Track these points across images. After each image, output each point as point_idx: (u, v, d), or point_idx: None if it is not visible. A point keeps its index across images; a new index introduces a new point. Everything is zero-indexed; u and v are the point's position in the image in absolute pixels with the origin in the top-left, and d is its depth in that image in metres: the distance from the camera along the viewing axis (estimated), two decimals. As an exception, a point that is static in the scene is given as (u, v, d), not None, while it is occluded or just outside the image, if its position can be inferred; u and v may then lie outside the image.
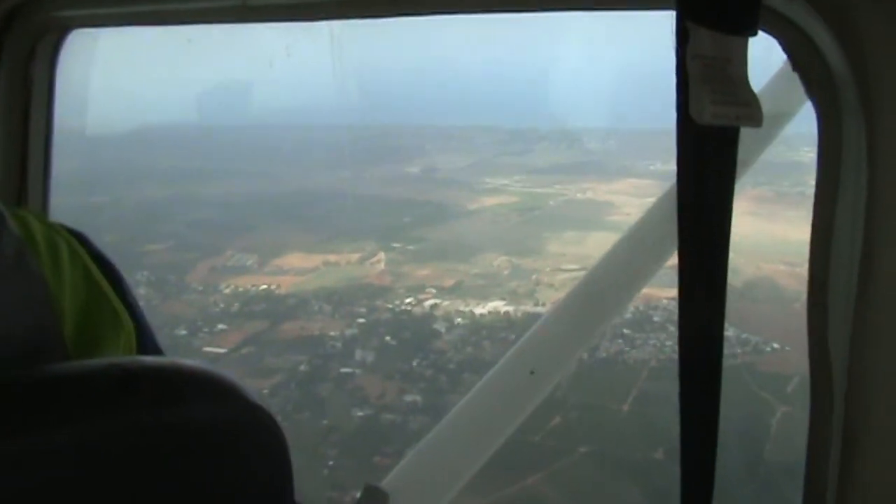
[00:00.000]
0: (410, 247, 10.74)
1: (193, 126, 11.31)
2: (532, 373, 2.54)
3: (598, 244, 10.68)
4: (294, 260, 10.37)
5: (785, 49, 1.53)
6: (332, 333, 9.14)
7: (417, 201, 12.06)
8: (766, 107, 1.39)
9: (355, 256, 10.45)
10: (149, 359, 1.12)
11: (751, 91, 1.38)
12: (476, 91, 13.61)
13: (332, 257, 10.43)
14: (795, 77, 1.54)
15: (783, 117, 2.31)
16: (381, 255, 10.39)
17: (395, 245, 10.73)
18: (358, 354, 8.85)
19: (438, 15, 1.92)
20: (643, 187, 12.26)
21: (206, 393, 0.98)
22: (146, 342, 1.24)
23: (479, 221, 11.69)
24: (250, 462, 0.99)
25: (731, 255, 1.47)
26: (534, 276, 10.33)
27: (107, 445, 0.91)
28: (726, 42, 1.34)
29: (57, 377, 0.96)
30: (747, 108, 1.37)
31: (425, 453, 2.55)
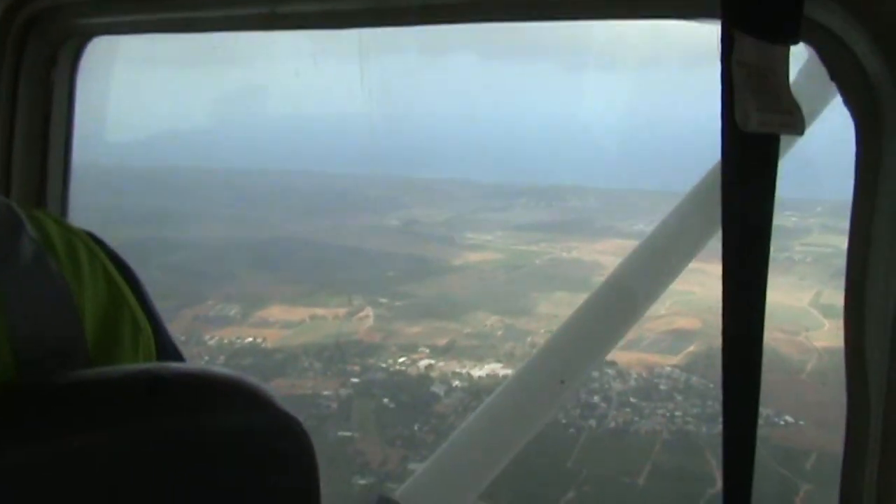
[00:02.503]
0: (398, 302, 10.32)
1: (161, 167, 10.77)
2: (563, 382, 2.53)
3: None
4: (278, 312, 9.88)
5: (822, 59, 1.52)
6: (325, 393, 8.55)
7: (399, 255, 11.68)
8: None
9: (342, 311, 10.00)
10: (178, 365, 1.12)
11: (792, 99, 1.41)
12: (452, 145, 13.35)
13: (318, 311, 10.02)
14: (817, 79, 1.55)
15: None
16: (370, 311, 9.95)
17: (382, 300, 10.29)
18: (355, 417, 8.28)
19: (467, 24, 1.92)
20: (629, 248, 11.92)
21: (235, 400, 0.98)
22: (165, 345, 1.22)
23: (465, 278, 11.32)
24: (279, 470, 0.99)
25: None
26: (529, 339, 9.95)
27: (136, 451, 0.90)
28: (769, 50, 1.38)
29: (87, 382, 0.97)
30: (790, 115, 1.41)
31: (439, 464, 2.55)
